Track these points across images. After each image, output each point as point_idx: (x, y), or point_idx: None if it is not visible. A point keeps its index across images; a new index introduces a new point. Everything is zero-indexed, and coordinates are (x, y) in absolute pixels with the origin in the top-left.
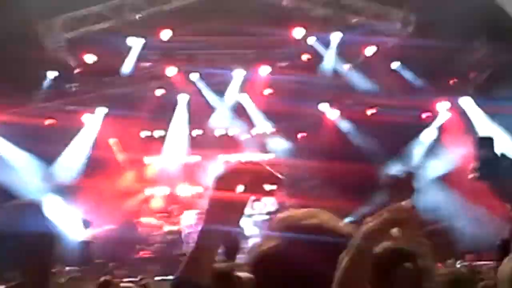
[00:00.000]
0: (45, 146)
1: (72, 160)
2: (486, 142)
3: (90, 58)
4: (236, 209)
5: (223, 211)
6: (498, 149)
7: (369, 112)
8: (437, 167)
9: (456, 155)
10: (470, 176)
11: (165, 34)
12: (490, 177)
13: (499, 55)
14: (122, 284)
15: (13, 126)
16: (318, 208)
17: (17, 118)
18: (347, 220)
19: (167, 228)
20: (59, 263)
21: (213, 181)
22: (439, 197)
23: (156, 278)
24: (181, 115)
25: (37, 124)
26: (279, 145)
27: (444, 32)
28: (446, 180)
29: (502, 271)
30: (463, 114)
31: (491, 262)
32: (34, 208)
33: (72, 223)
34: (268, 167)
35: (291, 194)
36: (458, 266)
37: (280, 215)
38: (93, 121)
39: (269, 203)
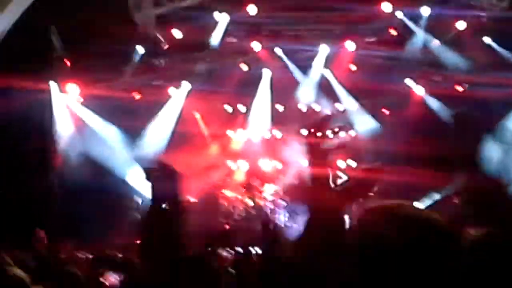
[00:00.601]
0: (133, 120)
1: (158, 133)
2: None
3: (177, 34)
4: None
5: None
6: None
7: (459, 88)
8: None
9: None
10: None
11: (251, 9)
12: None
13: None
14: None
15: (103, 101)
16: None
17: (106, 92)
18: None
19: (249, 202)
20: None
21: None
22: None
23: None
24: (264, 90)
25: (125, 99)
26: (363, 121)
27: None
28: None
29: None
30: None
31: None
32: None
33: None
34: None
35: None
36: None
37: (371, 204)
38: (179, 95)
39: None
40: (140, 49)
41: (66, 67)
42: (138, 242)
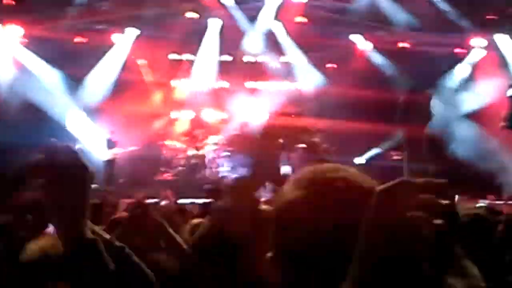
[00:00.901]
0: (76, 65)
1: (100, 80)
2: None
3: None
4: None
5: None
6: None
7: (402, 45)
8: (468, 102)
9: (486, 95)
10: (501, 124)
11: None
12: None
13: None
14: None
15: (44, 42)
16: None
17: (49, 34)
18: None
19: (191, 152)
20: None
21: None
22: (469, 133)
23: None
24: (211, 40)
25: (67, 41)
26: (308, 74)
27: None
28: (477, 118)
29: None
30: (498, 51)
31: None
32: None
33: (97, 142)
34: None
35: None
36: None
37: (305, 168)
38: (122, 41)
39: None
40: None
41: (9, 7)
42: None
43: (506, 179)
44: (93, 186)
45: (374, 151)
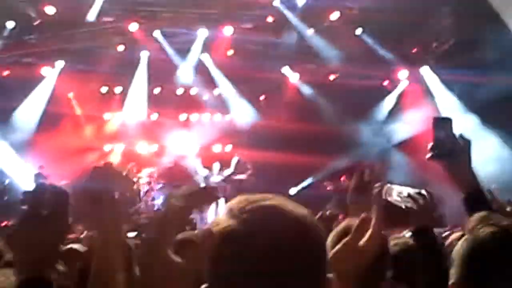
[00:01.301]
0: (2, 98)
1: (29, 114)
2: (442, 123)
3: (50, 10)
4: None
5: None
6: (455, 130)
7: (331, 77)
8: (396, 133)
9: (414, 125)
10: (427, 155)
11: None
12: (445, 158)
13: (463, 25)
14: None
15: None
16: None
17: None
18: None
19: None
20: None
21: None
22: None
23: None
24: (142, 72)
25: None
26: (240, 106)
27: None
28: (406, 148)
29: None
30: (423, 83)
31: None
32: None
33: (27, 177)
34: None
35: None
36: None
37: (237, 198)
38: (51, 74)
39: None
40: (9, 24)
41: None
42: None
43: (443, 210)
44: None
45: (307, 182)
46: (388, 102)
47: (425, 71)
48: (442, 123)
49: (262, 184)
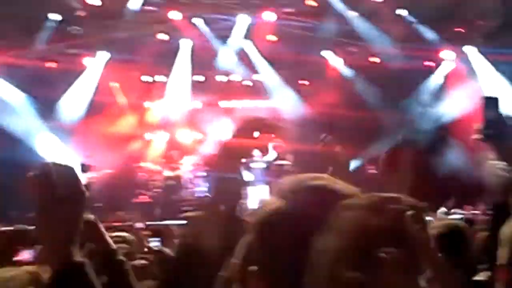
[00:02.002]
0: (47, 89)
1: (73, 103)
2: (491, 103)
3: (93, 1)
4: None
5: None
6: (502, 110)
7: (373, 59)
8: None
9: (460, 106)
10: (475, 136)
11: None
12: (493, 138)
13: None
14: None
15: (15, 69)
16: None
17: (19, 60)
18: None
19: (166, 173)
20: None
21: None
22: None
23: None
24: (183, 60)
25: (39, 67)
26: (282, 92)
27: None
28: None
29: (504, 232)
30: (468, 63)
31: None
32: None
33: (73, 165)
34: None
35: (293, 141)
36: (452, 217)
37: (285, 178)
38: (95, 64)
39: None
40: (55, 16)
41: None
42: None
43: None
44: None
45: (352, 165)
46: (433, 83)
47: (470, 51)
48: (491, 103)
49: (305, 170)
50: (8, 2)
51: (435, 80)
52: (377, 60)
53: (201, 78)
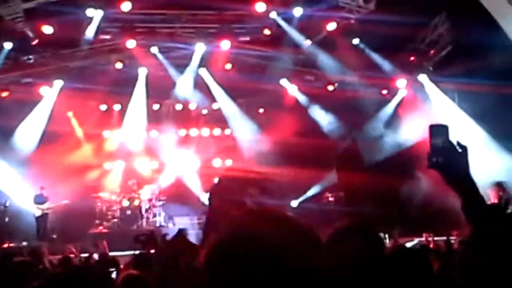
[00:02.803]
0: (2, 118)
1: (29, 133)
2: (440, 130)
3: (48, 29)
4: None
5: None
6: (452, 136)
7: (330, 87)
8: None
9: (412, 133)
10: (426, 164)
11: (125, 6)
12: (442, 166)
13: (459, 32)
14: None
15: None
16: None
17: None
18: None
19: (125, 203)
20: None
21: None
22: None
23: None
24: (140, 89)
25: None
26: (239, 120)
27: (405, 9)
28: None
29: None
30: (421, 91)
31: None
32: None
33: (28, 197)
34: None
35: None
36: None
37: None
38: (51, 93)
39: None
40: (7, 45)
41: None
42: None
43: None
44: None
45: (309, 193)
46: (387, 111)
47: (423, 79)
48: (438, 131)
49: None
50: None
51: (389, 108)
52: (333, 88)
53: (157, 106)
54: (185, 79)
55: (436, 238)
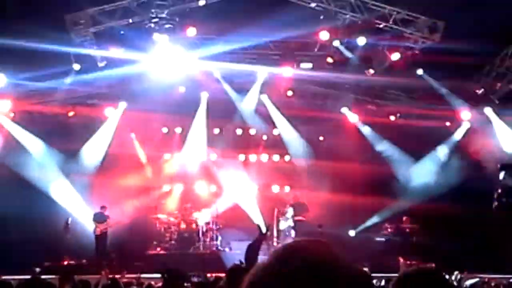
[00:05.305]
0: (67, 138)
1: (93, 153)
2: (510, 169)
3: (115, 53)
4: None
5: None
6: None
7: (392, 117)
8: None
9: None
10: (494, 204)
11: (191, 31)
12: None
13: None
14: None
15: (36, 117)
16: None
17: (41, 109)
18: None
19: (183, 225)
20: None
21: None
22: None
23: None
24: (202, 113)
25: (59, 116)
26: (299, 147)
27: (472, 40)
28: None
29: None
30: (486, 124)
31: None
32: None
33: (89, 215)
34: None
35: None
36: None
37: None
38: (115, 115)
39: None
40: (76, 66)
41: None
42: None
43: None
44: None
45: (367, 223)
46: (451, 143)
47: (489, 112)
48: (508, 170)
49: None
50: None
51: (453, 139)
52: (395, 118)
53: (217, 130)
54: (246, 104)
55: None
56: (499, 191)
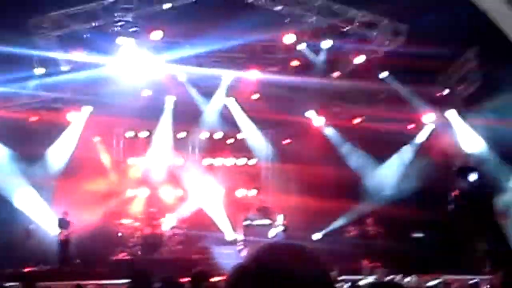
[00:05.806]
0: (29, 143)
1: (56, 158)
2: (466, 173)
3: (79, 56)
4: None
5: None
6: (478, 180)
7: (356, 120)
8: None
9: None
10: (449, 206)
11: (157, 35)
12: (468, 208)
13: (489, 67)
14: None
15: None
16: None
17: (2, 114)
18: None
19: (148, 230)
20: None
21: None
22: None
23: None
24: (167, 117)
25: (22, 121)
26: (264, 150)
27: (434, 43)
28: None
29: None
30: (449, 126)
31: None
32: None
33: (51, 221)
34: None
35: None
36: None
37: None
38: (79, 119)
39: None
40: (39, 70)
41: None
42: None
43: None
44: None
45: (331, 227)
46: (414, 145)
47: (452, 114)
48: (465, 173)
49: (287, 230)
50: None
51: (416, 142)
52: (359, 120)
53: (183, 134)
54: (212, 108)
55: (458, 277)
56: (456, 193)
